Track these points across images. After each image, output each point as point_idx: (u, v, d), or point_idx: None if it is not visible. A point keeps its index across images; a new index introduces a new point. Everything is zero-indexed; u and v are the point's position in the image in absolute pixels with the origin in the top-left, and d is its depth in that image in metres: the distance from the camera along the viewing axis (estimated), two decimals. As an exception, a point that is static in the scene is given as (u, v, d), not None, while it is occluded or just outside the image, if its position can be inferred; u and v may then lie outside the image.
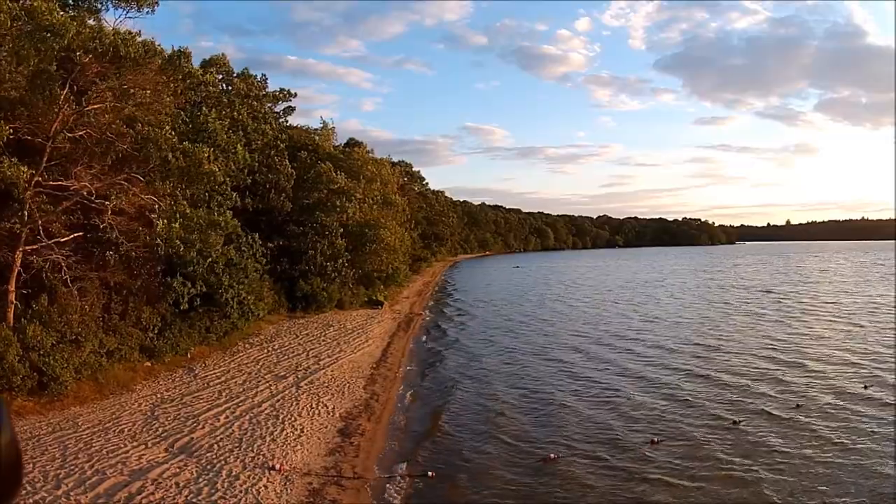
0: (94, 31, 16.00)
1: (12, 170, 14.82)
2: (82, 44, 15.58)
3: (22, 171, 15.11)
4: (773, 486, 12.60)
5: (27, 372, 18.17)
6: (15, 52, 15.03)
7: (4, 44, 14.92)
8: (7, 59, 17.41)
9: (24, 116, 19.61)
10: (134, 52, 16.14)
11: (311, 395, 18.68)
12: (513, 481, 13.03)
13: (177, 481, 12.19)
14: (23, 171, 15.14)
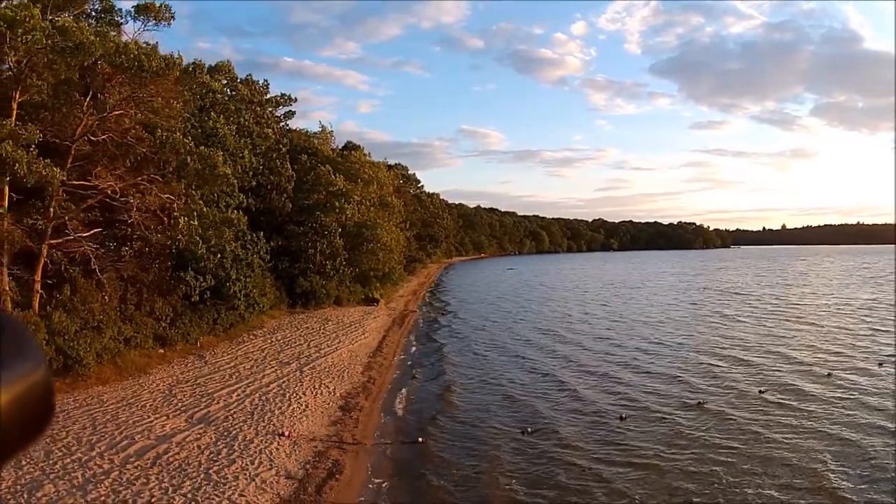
0: (120, 47, 17.72)
1: (47, 170, 16.55)
2: (109, 58, 17.30)
3: (56, 171, 16.84)
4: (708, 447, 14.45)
5: (53, 354, 19.87)
6: (49, 66, 16.73)
7: (39, 58, 16.64)
8: (38, 71, 19.22)
9: (47, 120, 21.44)
10: (156, 66, 17.91)
11: (314, 379, 20.48)
12: (497, 447, 15.00)
13: (198, 444, 13.96)
14: (56, 171, 16.87)
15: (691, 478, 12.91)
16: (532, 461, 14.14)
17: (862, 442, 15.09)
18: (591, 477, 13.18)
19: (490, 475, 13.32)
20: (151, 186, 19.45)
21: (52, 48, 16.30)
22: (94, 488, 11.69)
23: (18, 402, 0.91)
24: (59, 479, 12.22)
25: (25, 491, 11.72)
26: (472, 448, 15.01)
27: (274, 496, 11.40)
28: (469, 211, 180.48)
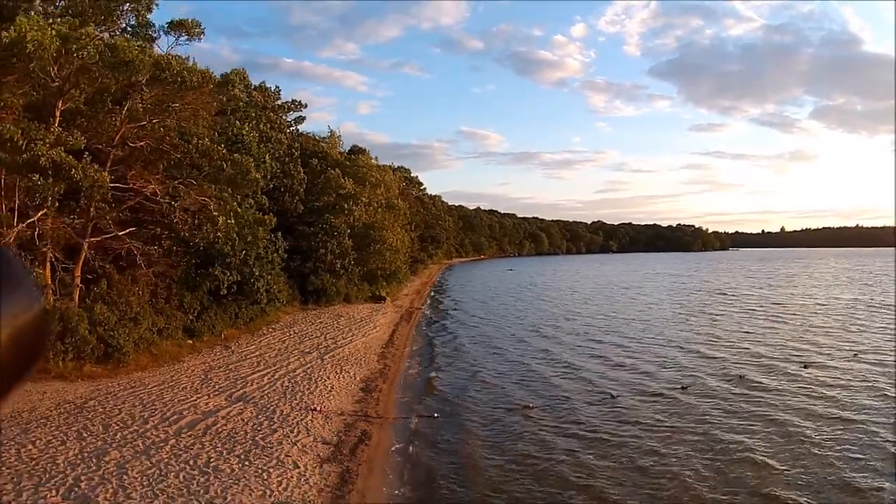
0: (163, 63, 19.57)
1: (98, 174, 18.39)
2: (154, 74, 19.15)
3: (105, 175, 18.68)
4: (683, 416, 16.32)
5: (95, 343, 21.75)
6: (92, 78, 18.56)
7: (92, 73, 18.48)
8: (80, 83, 21.08)
9: (83, 126, 23.28)
10: (196, 81, 19.76)
11: (335, 365, 22.34)
12: (500, 420, 16.95)
13: (241, 418, 15.80)
14: (105, 175, 18.71)
15: (672, 445, 14.78)
16: (534, 431, 16.08)
17: (830, 415, 16.97)
18: (585, 445, 15.05)
19: (496, 442, 15.25)
20: (188, 190, 21.30)
21: (103, 63, 18.11)
22: (156, 453, 13.50)
23: (15, 337, 0.93)
24: (121, 447, 14.03)
25: (93, 457, 13.50)
26: (480, 421, 16.99)
27: (315, 457, 13.24)
28: (469, 212, 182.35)
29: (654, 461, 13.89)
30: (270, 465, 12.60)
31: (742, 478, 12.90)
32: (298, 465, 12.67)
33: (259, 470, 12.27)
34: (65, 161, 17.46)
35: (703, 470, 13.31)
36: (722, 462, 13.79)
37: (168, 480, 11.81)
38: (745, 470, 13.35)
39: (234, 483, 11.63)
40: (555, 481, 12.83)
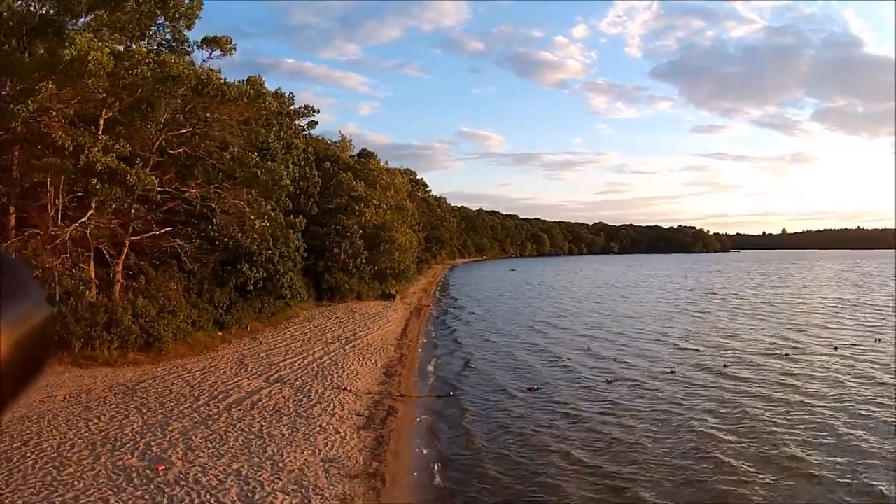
0: (205, 78, 21.64)
1: (148, 179, 20.47)
2: (196, 88, 21.21)
3: (154, 180, 20.76)
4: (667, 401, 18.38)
5: (138, 333, 23.83)
6: (152, 95, 20.65)
7: (144, 88, 20.55)
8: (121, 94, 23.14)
9: (121, 133, 25.34)
10: (234, 94, 21.83)
11: (357, 354, 24.42)
12: (506, 398, 19.24)
13: (282, 396, 17.87)
14: (154, 180, 20.79)
15: (660, 423, 16.82)
16: (537, 409, 18.24)
17: (805, 397, 19.01)
18: (584, 421, 17.12)
19: (504, 417, 17.36)
20: (225, 194, 23.39)
21: (153, 78, 20.18)
22: (213, 423, 15.56)
23: (21, 341, 0.93)
24: (181, 419, 16.08)
25: (157, 428, 15.53)
26: (490, 400, 19.29)
27: (351, 425, 15.31)
28: (471, 213, 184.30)
29: (635, 430, 15.97)
30: (315, 431, 14.67)
31: (708, 443, 14.94)
32: (339, 431, 14.74)
33: (306, 435, 14.34)
34: (119, 167, 19.50)
35: (681, 436, 15.37)
36: (696, 429, 15.85)
37: (229, 444, 13.86)
38: (712, 438, 15.41)
39: (287, 445, 13.69)
40: (553, 447, 14.91)
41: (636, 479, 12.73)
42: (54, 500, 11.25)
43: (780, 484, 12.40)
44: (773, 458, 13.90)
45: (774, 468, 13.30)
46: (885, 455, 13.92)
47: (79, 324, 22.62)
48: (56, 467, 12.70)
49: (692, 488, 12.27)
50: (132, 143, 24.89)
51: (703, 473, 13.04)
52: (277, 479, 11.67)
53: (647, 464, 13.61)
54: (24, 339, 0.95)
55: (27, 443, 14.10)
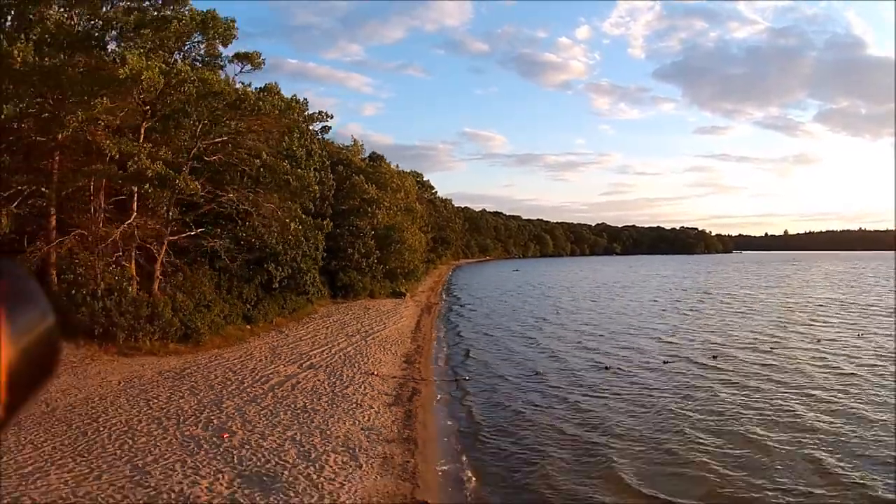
0: (240, 93, 23.83)
1: (193, 185, 22.67)
2: (234, 102, 23.42)
3: (198, 186, 22.96)
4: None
5: (178, 325, 26.02)
6: (196, 109, 22.85)
7: (189, 103, 22.76)
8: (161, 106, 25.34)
9: (158, 141, 27.53)
10: (268, 107, 24.02)
11: (378, 345, 26.61)
12: (515, 382, 21.59)
13: (317, 379, 20.05)
14: (198, 186, 22.99)
15: (650, 406, 18.97)
16: (541, 389, 20.76)
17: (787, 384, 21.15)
18: (583, 402, 19.29)
19: (513, 395, 19.86)
20: (258, 198, 25.60)
21: (196, 94, 22.38)
22: (261, 401, 17.72)
23: (28, 349, 0.94)
24: (232, 397, 18.23)
25: (213, 405, 17.66)
26: (500, 384, 21.76)
27: (382, 402, 17.49)
28: (475, 214, 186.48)
29: (628, 408, 18.12)
30: (352, 407, 16.84)
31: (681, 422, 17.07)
32: (372, 406, 16.92)
33: (345, 410, 16.51)
34: (168, 173, 21.69)
35: (672, 409, 17.51)
36: (686, 408, 17.99)
37: (279, 417, 16.03)
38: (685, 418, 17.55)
39: (330, 417, 15.86)
40: (549, 421, 17.11)
41: (612, 447, 14.92)
42: (137, 462, 13.32)
43: (730, 451, 14.56)
44: (734, 433, 16.00)
45: (732, 439, 15.45)
46: (834, 432, 16.02)
47: (123, 317, 24.79)
48: (130, 438, 14.79)
49: (661, 455, 14.40)
50: (169, 151, 27.15)
51: (672, 444, 15.13)
52: (327, 442, 13.84)
53: (625, 436, 15.79)
54: (32, 347, 0.97)
55: (97, 419, 16.18)
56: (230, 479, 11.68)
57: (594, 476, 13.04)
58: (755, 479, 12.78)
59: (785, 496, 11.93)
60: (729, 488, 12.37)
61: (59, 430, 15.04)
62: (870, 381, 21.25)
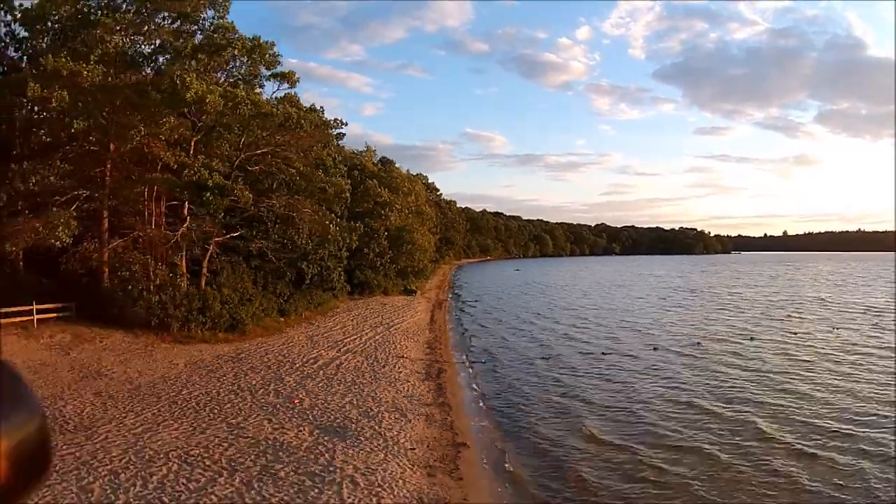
0: (285, 113, 27.25)
1: (246, 195, 26.08)
2: (280, 122, 26.84)
3: (250, 196, 26.38)
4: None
5: (226, 316, 29.40)
6: (247, 129, 26.27)
7: (243, 124, 26.18)
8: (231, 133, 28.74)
9: (202, 152, 30.88)
10: (308, 124, 27.46)
11: (401, 334, 30.08)
12: (525, 364, 25.24)
13: (356, 361, 23.48)
14: (250, 196, 26.41)
15: (641, 382, 22.47)
16: (544, 370, 24.50)
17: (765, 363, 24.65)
18: (585, 378, 22.85)
19: (523, 374, 23.50)
20: (298, 204, 29.07)
21: (248, 115, 25.80)
22: (315, 376, 21.13)
23: (17, 451, 0.92)
24: (289, 375, 21.59)
25: (275, 380, 20.99)
26: (513, 365, 25.49)
27: (416, 378, 20.97)
28: (476, 215, 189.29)
29: (620, 386, 21.62)
30: (392, 381, 20.30)
31: (689, 393, 20.56)
32: (408, 380, 20.41)
33: (387, 383, 19.98)
34: (226, 184, 25.12)
35: (659, 390, 20.98)
36: (672, 387, 21.47)
37: (334, 388, 19.46)
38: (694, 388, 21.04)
39: (376, 388, 19.31)
40: (548, 393, 20.64)
41: (582, 409, 18.80)
42: (230, 421, 16.55)
43: (673, 412, 18.13)
44: (691, 404, 19.59)
45: (689, 407, 19.05)
46: (776, 405, 19.51)
47: (178, 309, 28.17)
48: (217, 405, 18.04)
49: (625, 416, 18.07)
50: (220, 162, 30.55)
51: (645, 409, 18.73)
52: (379, 405, 17.29)
53: (594, 402, 19.62)
54: (22, 446, 0.96)
55: (180, 392, 19.47)
56: (310, 431, 15.09)
57: (565, 426, 17.21)
58: (694, 433, 16.37)
59: (715, 444, 15.49)
60: (671, 433, 15.97)
61: (150, 402, 18.28)
62: (823, 367, 24.82)
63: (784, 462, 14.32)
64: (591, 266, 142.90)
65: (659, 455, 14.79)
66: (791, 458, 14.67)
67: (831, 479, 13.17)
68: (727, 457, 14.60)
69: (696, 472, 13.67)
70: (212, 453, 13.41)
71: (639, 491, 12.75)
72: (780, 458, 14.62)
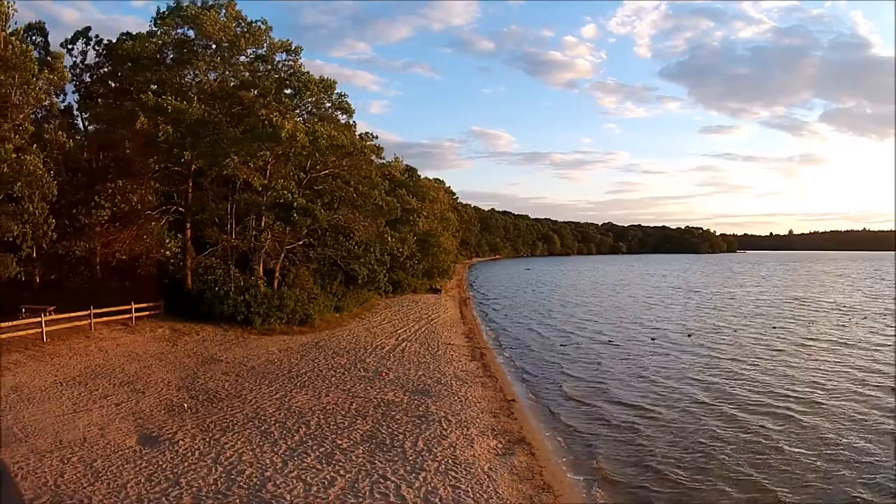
0: (352, 142, 33.34)
1: (324, 216, 32.19)
2: (348, 151, 32.97)
3: (324, 214, 32.48)
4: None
5: (299, 313, 35.48)
6: (322, 160, 32.38)
7: (321, 153, 32.24)
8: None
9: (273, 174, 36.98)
10: (369, 152, 33.58)
11: (441, 326, 36.21)
12: (549, 349, 31.48)
13: (414, 348, 29.57)
14: (324, 214, 32.51)
15: (643, 365, 28.50)
16: (565, 353, 30.51)
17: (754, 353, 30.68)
18: (598, 357, 28.95)
19: (548, 355, 29.68)
20: (357, 217, 35.22)
21: (325, 146, 31.91)
22: (388, 358, 27.15)
23: None
24: (366, 357, 27.54)
25: (358, 362, 27.03)
26: (539, 349, 31.85)
27: (466, 358, 27.06)
28: (485, 214, 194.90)
29: (628, 368, 27.69)
30: (447, 361, 26.40)
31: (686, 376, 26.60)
32: (460, 361, 26.51)
33: (444, 362, 26.09)
34: (308, 205, 31.26)
35: (664, 370, 27.00)
36: (662, 367, 27.50)
37: (407, 366, 25.52)
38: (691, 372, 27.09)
39: (438, 366, 25.40)
40: (583, 368, 26.71)
41: (608, 373, 24.82)
42: (342, 388, 22.03)
43: (662, 380, 24.16)
44: (679, 377, 25.61)
45: (676, 391, 25.02)
46: (750, 379, 25.49)
47: (259, 307, 34.22)
48: (324, 378, 23.63)
49: (627, 386, 24.04)
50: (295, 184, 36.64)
51: (642, 376, 24.79)
52: (444, 376, 23.38)
53: (621, 374, 25.70)
54: None
55: (290, 370, 24.81)
56: (404, 392, 21.15)
57: (587, 388, 23.47)
58: (677, 409, 22.36)
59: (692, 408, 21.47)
60: (660, 398, 21.99)
61: (272, 378, 23.82)
62: (794, 357, 30.65)
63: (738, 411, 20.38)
64: (599, 266, 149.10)
65: (652, 395, 21.04)
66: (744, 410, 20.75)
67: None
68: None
69: (665, 412, 19.75)
70: (342, 407, 19.36)
71: (640, 417, 18.78)
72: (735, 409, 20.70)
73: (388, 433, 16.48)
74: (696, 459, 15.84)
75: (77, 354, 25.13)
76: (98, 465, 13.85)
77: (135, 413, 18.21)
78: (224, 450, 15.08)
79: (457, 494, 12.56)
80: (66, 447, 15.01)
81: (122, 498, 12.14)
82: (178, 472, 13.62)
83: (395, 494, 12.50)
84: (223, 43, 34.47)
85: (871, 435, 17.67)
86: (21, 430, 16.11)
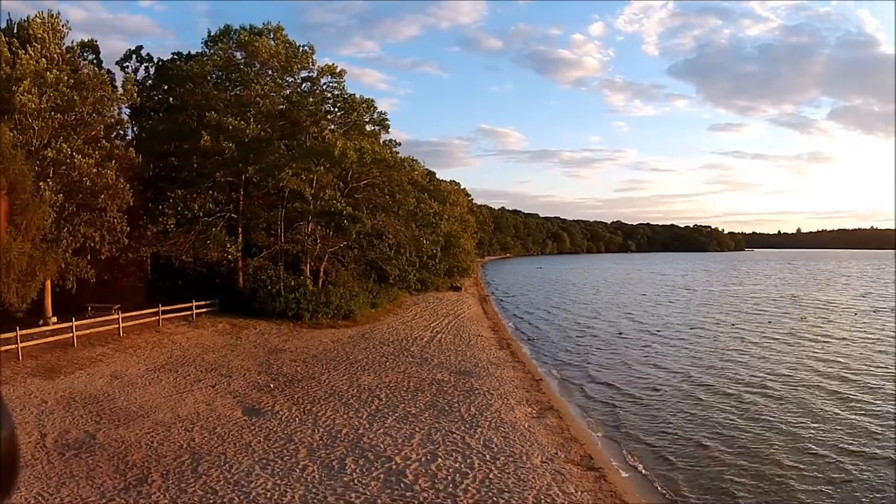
0: (392, 157, 37.62)
1: (368, 222, 36.49)
2: (387, 165, 37.26)
3: (368, 221, 36.79)
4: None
5: (343, 308, 39.81)
6: (366, 171, 36.72)
7: (366, 166, 36.54)
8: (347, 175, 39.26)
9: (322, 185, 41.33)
10: (407, 165, 37.86)
11: (468, 321, 40.49)
12: (567, 338, 35.67)
13: (447, 338, 33.85)
14: (368, 221, 36.82)
15: (646, 352, 32.69)
16: (582, 342, 34.72)
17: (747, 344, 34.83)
18: (611, 351, 33.13)
19: (566, 342, 33.85)
20: (394, 222, 39.52)
21: (369, 161, 36.24)
22: (428, 347, 31.39)
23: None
24: (410, 346, 31.78)
25: (404, 350, 31.34)
26: (558, 339, 36.25)
27: (495, 347, 31.33)
28: (496, 213, 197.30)
29: (638, 355, 31.86)
30: (479, 349, 30.67)
31: (693, 363, 30.75)
32: (491, 349, 30.80)
33: (478, 350, 30.37)
34: (355, 213, 35.59)
35: (676, 357, 31.15)
36: (671, 357, 31.66)
37: (447, 353, 29.78)
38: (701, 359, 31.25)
39: (473, 353, 29.66)
40: (600, 354, 30.92)
41: (616, 365, 28.90)
42: (398, 370, 26.50)
43: (665, 365, 28.26)
44: (666, 378, 29.78)
45: (667, 377, 29.18)
46: (737, 362, 29.63)
47: (308, 303, 38.53)
48: (378, 364, 27.74)
49: (630, 370, 28.18)
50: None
51: (642, 371, 28.95)
52: (480, 361, 27.66)
53: (626, 363, 29.79)
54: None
55: (346, 358, 29.14)
56: (450, 374, 25.43)
57: (607, 370, 27.46)
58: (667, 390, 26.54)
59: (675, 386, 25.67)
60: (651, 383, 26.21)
61: (333, 364, 28.00)
62: (778, 349, 34.69)
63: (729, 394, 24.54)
64: (607, 264, 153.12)
65: (657, 376, 25.25)
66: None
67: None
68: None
69: (667, 388, 23.94)
70: (401, 386, 23.61)
71: (647, 392, 22.95)
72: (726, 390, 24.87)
73: (444, 403, 20.80)
74: (694, 417, 20.16)
75: (155, 347, 28.66)
76: (220, 431, 17.82)
77: (231, 392, 22.33)
78: (318, 417, 19.29)
79: (508, 442, 16.85)
80: (186, 419, 18.63)
81: (250, 453, 16.17)
82: (287, 432, 17.81)
83: (461, 442, 16.80)
84: (274, 65, 38.86)
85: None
86: (138, 408, 19.49)
